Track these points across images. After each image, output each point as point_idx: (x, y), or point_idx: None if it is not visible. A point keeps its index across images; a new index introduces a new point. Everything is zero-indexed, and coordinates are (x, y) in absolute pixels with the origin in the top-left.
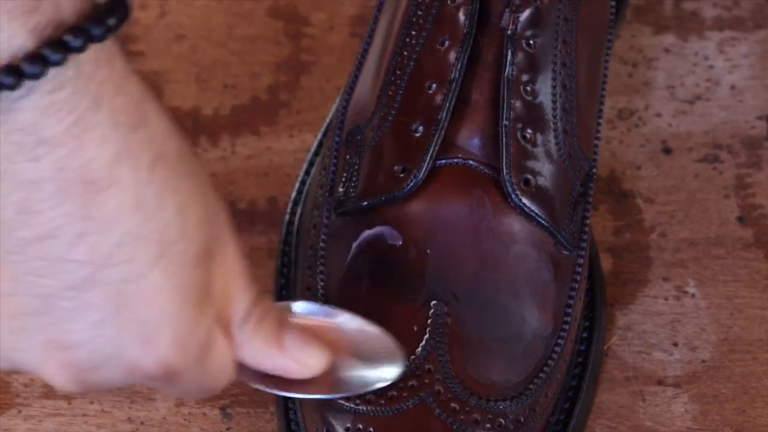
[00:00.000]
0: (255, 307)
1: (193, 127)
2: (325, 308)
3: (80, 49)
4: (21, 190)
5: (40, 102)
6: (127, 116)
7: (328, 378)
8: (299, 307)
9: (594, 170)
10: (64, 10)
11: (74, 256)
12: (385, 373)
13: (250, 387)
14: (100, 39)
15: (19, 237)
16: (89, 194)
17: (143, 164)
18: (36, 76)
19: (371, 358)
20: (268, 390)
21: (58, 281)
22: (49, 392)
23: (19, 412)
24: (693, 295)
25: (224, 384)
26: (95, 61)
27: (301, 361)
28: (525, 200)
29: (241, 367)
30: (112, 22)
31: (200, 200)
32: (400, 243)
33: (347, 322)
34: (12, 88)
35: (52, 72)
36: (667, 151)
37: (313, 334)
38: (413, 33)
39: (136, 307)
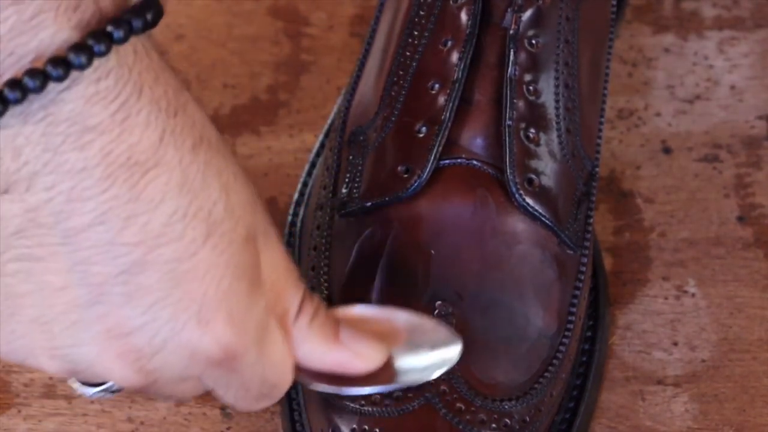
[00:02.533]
0: (307, 303)
1: None
2: (372, 306)
3: (122, 40)
4: (69, 179)
5: (86, 91)
6: (168, 102)
7: (387, 370)
8: (347, 308)
9: (597, 169)
10: (104, 6)
11: (124, 239)
12: (444, 356)
13: None
14: (140, 31)
15: (68, 227)
16: (136, 176)
17: (186, 145)
18: (82, 67)
19: (427, 343)
20: (329, 390)
21: (110, 267)
22: (49, 392)
23: (19, 411)
24: (693, 295)
25: (285, 383)
26: (135, 53)
27: (361, 353)
28: (529, 200)
29: (299, 369)
30: (149, 16)
31: (243, 184)
32: (404, 243)
33: (396, 313)
34: (60, 79)
35: (96, 62)
36: (667, 150)
37: (366, 327)
38: (415, 33)
39: (189, 285)
